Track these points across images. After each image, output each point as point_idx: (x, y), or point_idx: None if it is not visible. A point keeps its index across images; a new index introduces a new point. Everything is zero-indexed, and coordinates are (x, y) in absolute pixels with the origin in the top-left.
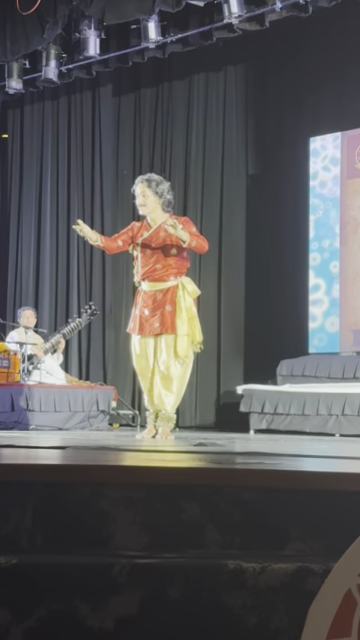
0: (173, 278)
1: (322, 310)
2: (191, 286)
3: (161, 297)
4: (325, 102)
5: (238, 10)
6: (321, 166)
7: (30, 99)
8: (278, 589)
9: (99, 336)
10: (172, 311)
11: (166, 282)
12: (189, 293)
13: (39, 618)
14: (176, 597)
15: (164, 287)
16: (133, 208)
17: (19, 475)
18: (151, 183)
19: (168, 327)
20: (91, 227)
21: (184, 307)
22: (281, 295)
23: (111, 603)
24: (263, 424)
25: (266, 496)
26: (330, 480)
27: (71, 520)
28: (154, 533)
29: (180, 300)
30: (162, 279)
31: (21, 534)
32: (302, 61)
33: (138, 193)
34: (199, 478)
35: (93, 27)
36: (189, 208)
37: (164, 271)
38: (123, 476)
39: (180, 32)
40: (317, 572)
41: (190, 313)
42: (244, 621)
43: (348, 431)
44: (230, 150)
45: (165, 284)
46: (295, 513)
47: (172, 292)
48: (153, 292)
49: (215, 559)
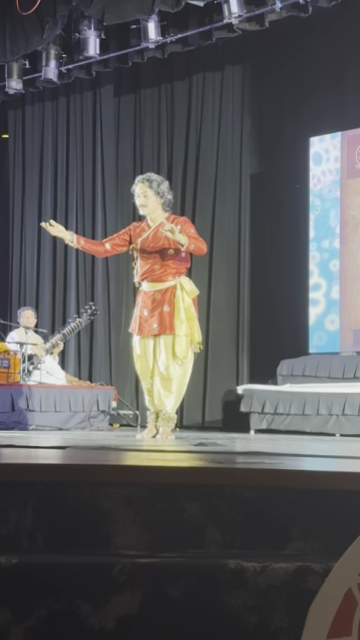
0: (172, 278)
1: (322, 310)
2: (189, 286)
3: (160, 297)
4: (325, 102)
5: (238, 10)
6: (321, 166)
7: (31, 99)
8: (279, 589)
9: (99, 336)
10: (170, 311)
11: (165, 282)
12: (187, 293)
13: (40, 618)
14: (177, 597)
15: (163, 287)
16: (134, 208)
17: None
18: (152, 183)
19: (166, 328)
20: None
21: (182, 307)
22: (281, 295)
23: (112, 603)
24: (263, 424)
25: (266, 496)
26: (330, 479)
27: (71, 520)
28: (154, 533)
29: (178, 300)
30: (161, 279)
31: (21, 534)
32: (302, 61)
33: (139, 193)
34: (200, 478)
35: (93, 27)
36: (188, 208)
37: (163, 271)
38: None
39: (180, 32)
40: (317, 571)
41: (189, 313)
42: (245, 621)
43: (348, 431)
44: (230, 150)
45: (164, 284)
46: (295, 512)
47: (171, 292)
48: (152, 292)
49: (216, 559)
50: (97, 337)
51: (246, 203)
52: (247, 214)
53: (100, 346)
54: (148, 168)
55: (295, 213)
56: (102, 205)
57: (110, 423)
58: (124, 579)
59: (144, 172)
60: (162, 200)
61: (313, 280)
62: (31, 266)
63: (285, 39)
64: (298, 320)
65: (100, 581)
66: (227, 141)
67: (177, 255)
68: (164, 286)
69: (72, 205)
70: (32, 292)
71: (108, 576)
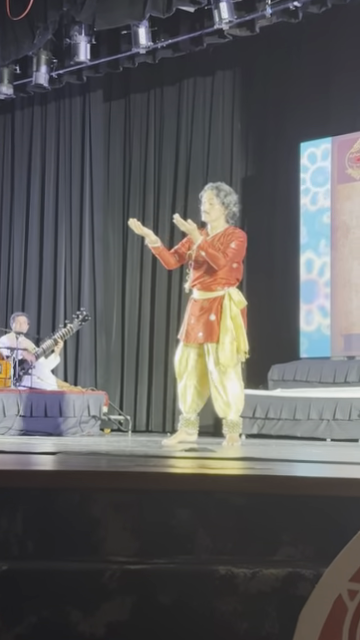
0: (220, 288)
1: (313, 315)
2: (238, 297)
3: (207, 305)
4: (315, 107)
5: (228, 16)
6: (312, 171)
7: (20, 104)
8: (269, 594)
9: (90, 341)
10: (216, 320)
11: (213, 292)
12: (235, 303)
13: (30, 624)
14: (167, 603)
15: (211, 296)
16: (123, 213)
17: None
18: (220, 192)
19: (212, 336)
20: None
21: (229, 315)
22: (272, 299)
23: (102, 609)
24: (254, 429)
25: (257, 501)
26: (321, 485)
27: (62, 526)
28: (145, 539)
29: (226, 309)
30: (210, 288)
31: (11, 540)
32: (292, 66)
33: (205, 200)
34: (190, 483)
35: (84, 32)
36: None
37: (212, 280)
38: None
39: (170, 38)
40: (308, 577)
41: (236, 322)
42: (235, 627)
43: (339, 436)
44: (221, 155)
45: (213, 294)
46: (286, 518)
47: (219, 302)
48: (201, 300)
49: (206, 565)
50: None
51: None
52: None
53: (90, 351)
54: (138, 172)
55: (286, 218)
56: (90, 210)
57: (101, 428)
58: (114, 585)
59: (133, 177)
60: (226, 211)
61: (304, 285)
62: (19, 272)
63: (276, 45)
64: (289, 325)
65: (90, 587)
66: (217, 146)
67: (228, 265)
68: (213, 295)
69: (61, 210)
70: (22, 298)
71: (98, 582)
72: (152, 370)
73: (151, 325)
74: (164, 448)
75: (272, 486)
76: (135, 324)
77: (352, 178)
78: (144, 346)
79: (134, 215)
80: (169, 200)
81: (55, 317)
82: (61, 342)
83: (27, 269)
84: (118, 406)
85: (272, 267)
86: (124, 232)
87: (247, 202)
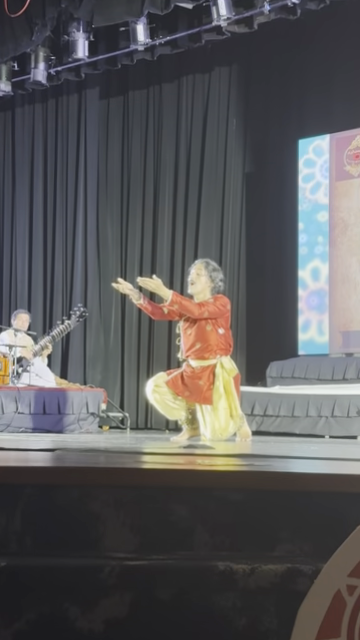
0: (212, 357)
1: (311, 312)
2: (230, 365)
3: (199, 372)
4: (314, 104)
5: (227, 12)
6: (310, 168)
7: (20, 101)
8: (268, 590)
9: (89, 338)
10: (205, 385)
11: (206, 360)
12: (227, 371)
13: (28, 621)
14: (166, 599)
15: (204, 364)
16: (121, 209)
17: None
18: (209, 265)
19: (206, 399)
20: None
21: (221, 383)
22: (270, 297)
23: (101, 605)
24: (253, 426)
25: (256, 497)
26: (320, 481)
27: (60, 522)
28: (143, 535)
29: (218, 377)
30: (203, 357)
31: (10, 537)
32: (291, 63)
33: (193, 271)
34: (188, 480)
35: (82, 29)
36: (178, 210)
37: (204, 349)
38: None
39: (169, 34)
40: (307, 573)
41: (228, 388)
42: (234, 622)
43: (337, 433)
44: (219, 152)
45: (206, 362)
46: (285, 514)
47: (210, 370)
48: (194, 367)
49: (205, 561)
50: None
51: (235, 205)
52: (237, 216)
53: (87, 347)
54: (136, 169)
55: (284, 215)
56: (88, 206)
57: (99, 425)
58: (113, 581)
59: (132, 174)
60: (212, 284)
61: (302, 282)
62: (22, 268)
63: (274, 41)
64: (287, 322)
65: (89, 583)
66: (216, 143)
67: (215, 331)
68: (206, 363)
69: (61, 206)
70: (24, 295)
71: (97, 578)
72: (152, 367)
73: (150, 322)
74: (173, 444)
75: (271, 482)
76: (135, 321)
77: (350, 175)
78: (144, 343)
79: (133, 211)
80: (168, 196)
81: (54, 315)
82: (50, 346)
83: (32, 267)
84: (118, 403)
85: (270, 264)
86: (122, 228)
87: (245, 199)
